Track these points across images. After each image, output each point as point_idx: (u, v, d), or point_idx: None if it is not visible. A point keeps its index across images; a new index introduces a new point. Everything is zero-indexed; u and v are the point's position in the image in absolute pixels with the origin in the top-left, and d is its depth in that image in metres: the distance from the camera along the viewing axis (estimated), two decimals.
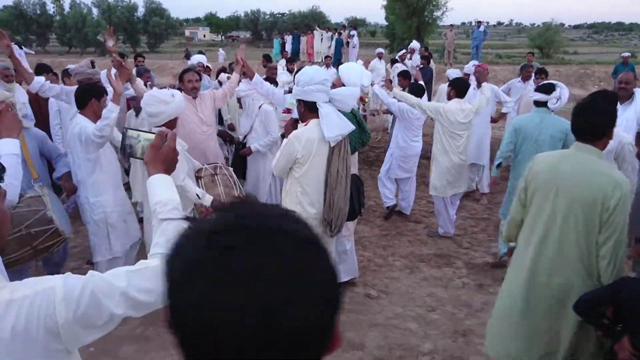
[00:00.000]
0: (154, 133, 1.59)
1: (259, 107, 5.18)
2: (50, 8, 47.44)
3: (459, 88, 5.43)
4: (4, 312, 1.13)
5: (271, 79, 6.26)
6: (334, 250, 3.96)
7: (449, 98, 5.51)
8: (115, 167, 4.19)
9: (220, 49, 16.69)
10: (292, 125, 3.71)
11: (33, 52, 17.01)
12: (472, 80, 7.10)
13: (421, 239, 5.81)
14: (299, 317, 0.61)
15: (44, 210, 3.10)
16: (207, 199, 3.78)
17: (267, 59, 9.83)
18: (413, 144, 6.07)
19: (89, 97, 3.90)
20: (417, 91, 5.79)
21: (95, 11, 46.93)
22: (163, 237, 1.41)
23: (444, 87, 8.50)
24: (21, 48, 22.21)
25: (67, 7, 47.28)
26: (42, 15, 46.43)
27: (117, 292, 1.25)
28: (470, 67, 7.83)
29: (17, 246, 3.03)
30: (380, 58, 13.30)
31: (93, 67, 4.98)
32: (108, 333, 1.31)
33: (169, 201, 1.47)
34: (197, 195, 3.73)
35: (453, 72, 8.80)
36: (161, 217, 1.44)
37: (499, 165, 4.93)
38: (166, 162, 1.54)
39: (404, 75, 7.27)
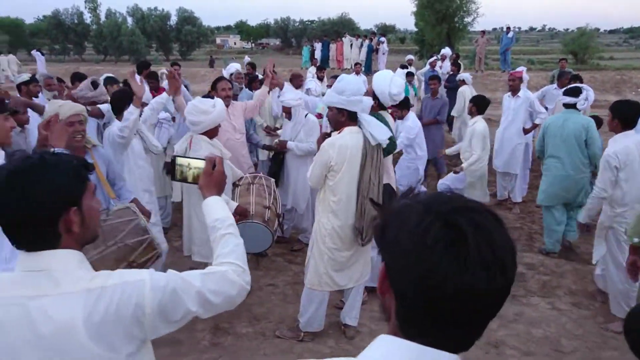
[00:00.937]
0: (202, 159, 1.77)
1: (305, 116, 5.23)
2: (87, 17, 48.95)
3: (480, 105, 6.04)
4: (98, 297, 1.24)
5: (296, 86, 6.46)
6: (369, 259, 3.92)
7: (471, 113, 6.02)
8: (146, 172, 4.28)
9: (247, 56, 16.99)
10: (323, 138, 3.71)
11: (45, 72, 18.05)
12: (524, 85, 7.26)
13: None
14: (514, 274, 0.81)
15: (137, 220, 2.86)
16: (232, 206, 3.86)
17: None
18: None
19: (124, 103, 4.03)
20: (402, 104, 6.10)
21: (129, 20, 48.20)
22: (226, 248, 1.56)
23: (463, 90, 9.09)
24: (43, 55, 23.12)
25: (103, 17, 48.69)
26: (79, 24, 47.92)
27: (193, 291, 1.37)
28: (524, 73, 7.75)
29: (113, 262, 2.76)
30: (410, 65, 13.24)
31: (95, 87, 4.77)
32: None
33: (226, 218, 1.64)
34: None
35: (466, 76, 9.53)
36: (222, 232, 1.60)
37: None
38: (217, 185, 1.73)
39: (437, 78, 7.91)
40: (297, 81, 7.53)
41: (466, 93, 8.96)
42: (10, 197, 1.23)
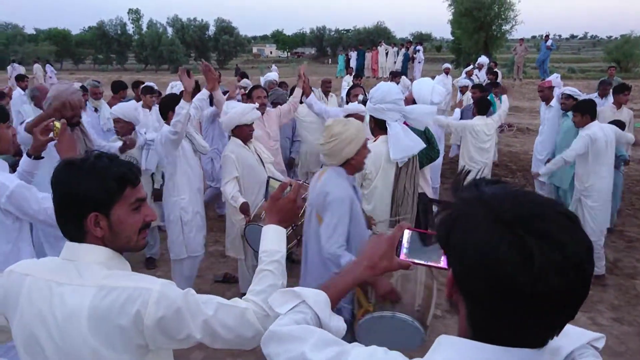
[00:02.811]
0: (280, 181, 1.67)
1: None
2: (130, 28, 50.53)
3: (480, 107, 6.25)
4: (105, 295, 1.27)
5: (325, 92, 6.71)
6: None
7: (473, 115, 6.21)
8: (196, 171, 4.37)
9: (273, 65, 17.18)
10: None
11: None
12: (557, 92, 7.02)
13: None
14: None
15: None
16: (238, 202, 4.00)
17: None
18: None
19: (169, 108, 4.13)
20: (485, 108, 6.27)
21: (169, 30, 49.52)
22: (259, 286, 1.46)
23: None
24: (52, 66, 23.87)
25: (144, 27, 50.18)
26: (122, 35, 49.52)
27: (200, 318, 1.32)
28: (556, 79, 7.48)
29: None
30: (447, 73, 13.13)
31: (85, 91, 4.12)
32: None
33: (274, 252, 1.51)
34: (230, 199, 4.06)
35: (463, 82, 9.85)
36: (263, 266, 1.50)
37: None
38: (281, 213, 1.57)
39: (480, 88, 7.71)
40: (325, 86, 7.72)
41: None
42: (55, 188, 1.35)
